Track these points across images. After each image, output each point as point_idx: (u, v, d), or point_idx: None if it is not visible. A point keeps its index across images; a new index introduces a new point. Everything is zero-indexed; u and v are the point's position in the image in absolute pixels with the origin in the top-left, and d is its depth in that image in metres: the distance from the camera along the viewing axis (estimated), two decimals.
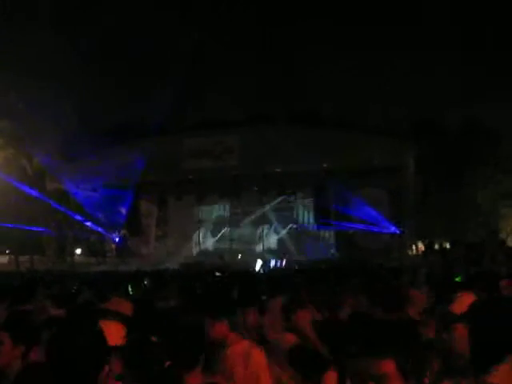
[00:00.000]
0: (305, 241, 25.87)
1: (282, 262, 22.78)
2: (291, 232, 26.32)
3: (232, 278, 9.24)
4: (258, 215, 26.27)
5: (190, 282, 8.05)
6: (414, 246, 24.45)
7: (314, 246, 25.37)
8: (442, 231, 25.14)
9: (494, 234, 23.57)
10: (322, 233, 25.92)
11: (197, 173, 24.17)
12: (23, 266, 24.34)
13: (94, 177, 24.26)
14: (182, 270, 18.74)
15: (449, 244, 24.19)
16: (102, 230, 26.95)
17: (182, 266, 21.28)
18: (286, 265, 21.92)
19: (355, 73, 28.94)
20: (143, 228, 27.76)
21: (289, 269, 17.61)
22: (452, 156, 23.93)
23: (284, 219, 26.51)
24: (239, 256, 25.45)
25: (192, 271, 15.71)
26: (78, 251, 29.07)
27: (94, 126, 25.04)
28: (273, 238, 26.62)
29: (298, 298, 4.06)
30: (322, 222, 24.29)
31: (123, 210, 26.80)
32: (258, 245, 26.34)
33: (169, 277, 10.92)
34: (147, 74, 32.01)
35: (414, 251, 24.17)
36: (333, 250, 25.06)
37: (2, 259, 27.06)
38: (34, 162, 25.75)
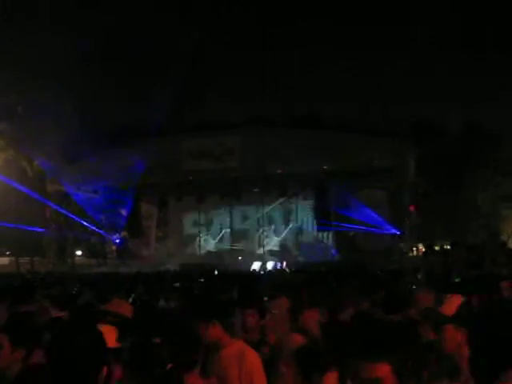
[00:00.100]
0: (305, 242, 25.84)
1: (282, 264, 22.76)
2: (291, 233, 26.29)
3: (232, 280, 9.23)
4: (258, 216, 26.23)
5: (190, 284, 8.05)
6: (414, 248, 24.41)
7: (314, 247, 25.34)
8: (442, 233, 25.13)
9: (494, 236, 23.56)
10: (323, 234, 25.88)
11: (197, 174, 24.13)
12: (24, 268, 24.33)
13: (95, 178, 24.23)
14: (182, 271, 18.71)
15: (449, 246, 24.16)
16: (102, 231, 26.95)
17: (183, 268, 21.25)
18: (285, 266, 21.88)
19: (355, 73, 29.01)
20: (144, 229, 27.74)
21: (289, 270, 17.57)
22: (452, 158, 23.94)
23: (284, 221, 26.48)
24: (239, 257, 25.43)
25: (192, 272, 15.68)
26: (79, 253, 29.08)
27: (94, 127, 25.03)
28: (273, 240, 26.56)
29: (305, 299, 4.05)
30: (323, 223, 24.24)
31: (124, 212, 26.81)
32: (259, 246, 26.28)
33: (169, 278, 10.93)
34: (147, 74, 32.07)
35: (414, 253, 24.12)
36: (333, 252, 25.03)
37: (2, 261, 27.03)
38: (35, 163, 25.74)
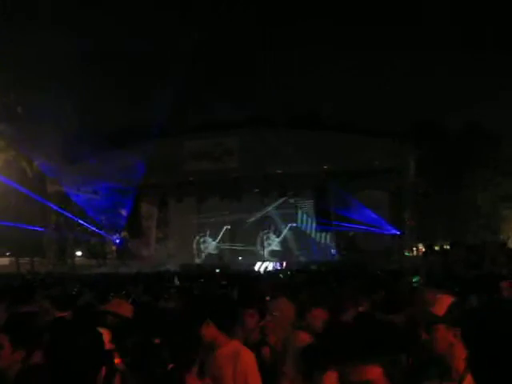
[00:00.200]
0: (305, 242, 25.84)
1: (282, 264, 22.77)
2: (292, 234, 26.30)
3: (232, 280, 9.23)
4: (258, 217, 26.24)
5: (190, 284, 8.05)
6: (414, 248, 24.42)
7: (315, 247, 25.36)
8: (442, 233, 25.13)
9: (494, 236, 23.56)
10: (323, 234, 25.88)
11: (197, 175, 24.15)
12: (24, 268, 24.33)
13: (95, 179, 24.24)
14: (182, 271, 18.71)
15: (449, 246, 24.15)
16: (102, 232, 26.97)
17: (183, 268, 21.25)
18: (286, 266, 21.89)
19: (355, 73, 28.97)
20: (144, 230, 27.75)
21: (289, 270, 17.57)
22: (452, 158, 23.94)
23: (284, 221, 26.48)
24: (239, 258, 25.45)
25: (192, 273, 15.69)
26: (79, 253, 29.08)
27: (94, 128, 25.01)
28: (273, 240, 26.57)
29: (305, 299, 4.05)
30: (323, 223, 24.25)
31: (124, 212, 26.83)
32: (259, 246, 26.29)
33: (169, 278, 10.92)
34: (147, 74, 32.04)
35: (414, 253, 24.13)
36: (333, 252, 25.03)
37: (2, 261, 27.03)
38: (35, 164, 25.73)
